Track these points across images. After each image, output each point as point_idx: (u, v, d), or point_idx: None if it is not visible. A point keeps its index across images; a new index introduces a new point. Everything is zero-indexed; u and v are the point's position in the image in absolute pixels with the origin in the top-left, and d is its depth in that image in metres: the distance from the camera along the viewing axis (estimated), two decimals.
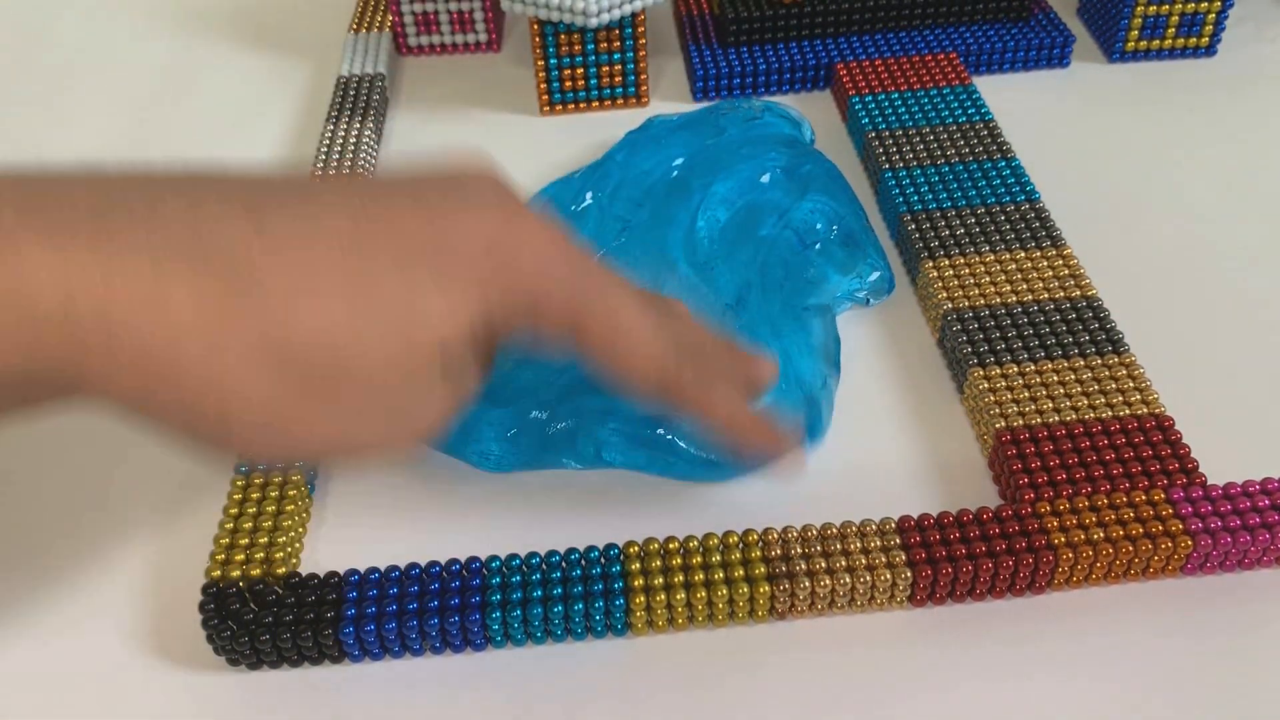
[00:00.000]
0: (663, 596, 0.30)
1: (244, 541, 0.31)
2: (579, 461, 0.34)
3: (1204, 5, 0.52)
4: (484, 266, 0.24)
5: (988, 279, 0.39)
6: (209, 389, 0.22)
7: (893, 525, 0.31)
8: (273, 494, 0.33)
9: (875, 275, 0.40)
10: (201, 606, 0.30)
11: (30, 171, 0.22)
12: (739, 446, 0.30)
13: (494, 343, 0.26)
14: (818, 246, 0.40)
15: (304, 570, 0.32)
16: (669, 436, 0.33)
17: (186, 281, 0.21)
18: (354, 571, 0.31)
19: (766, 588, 0.30)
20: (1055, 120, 0.50)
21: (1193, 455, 0.33)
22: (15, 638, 0.32)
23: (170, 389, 0.21)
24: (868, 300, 0.40)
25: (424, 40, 0.56)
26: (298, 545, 0.33)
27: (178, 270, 0.21)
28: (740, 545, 0.31)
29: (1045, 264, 0.39)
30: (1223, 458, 0.33)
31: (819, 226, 0.40)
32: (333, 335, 0.22)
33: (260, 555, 0.31)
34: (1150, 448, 0.33)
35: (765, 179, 0.42)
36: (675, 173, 0.44)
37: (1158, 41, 0.53)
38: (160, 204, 0.22)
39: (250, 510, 0.32)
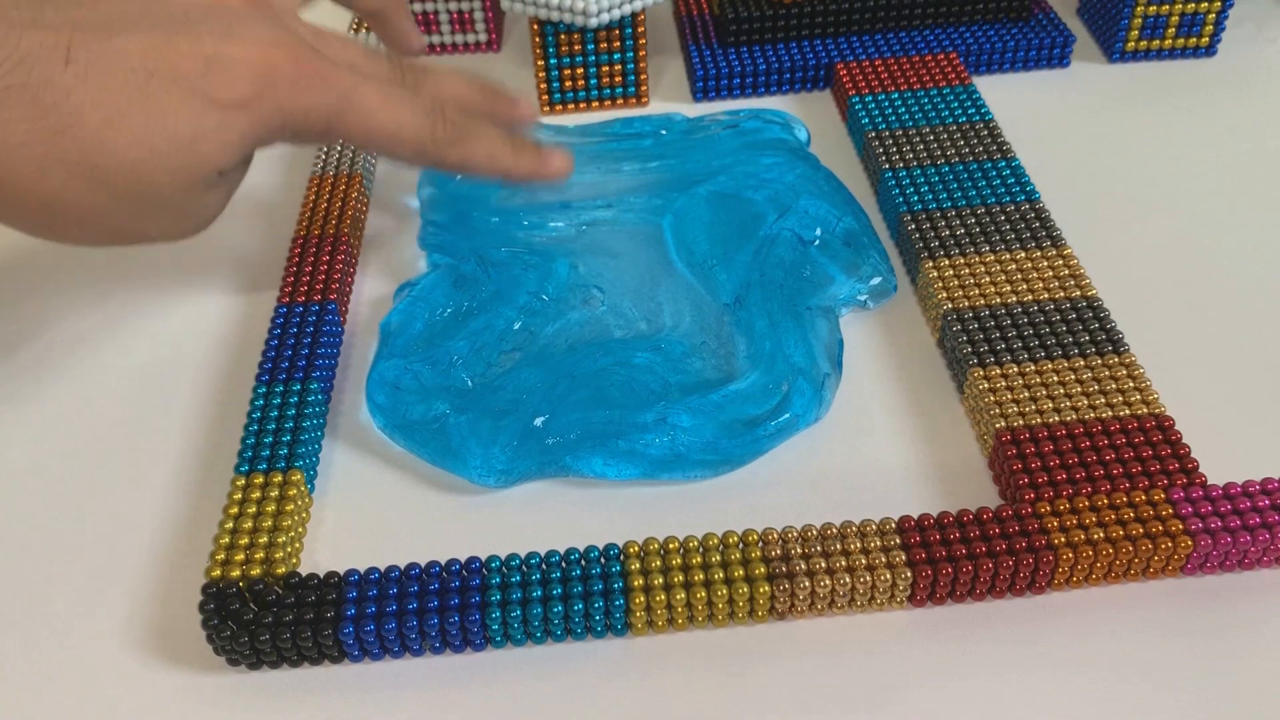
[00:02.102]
0: (663, 596, 0.30)
1: (244, 541, 0.31)
2: (585, 471, 0.34)
3: (1204, 5, 0.52)
4: (254, 95, 0.30)
5: (988, 279, 0.39)
6: (36, 199, 0.29)
7: (893, 525, 0.31)
8: (273, 494, 0.33)
9: (877, 280, 0.40)
10: (201, 606, 0.30)
11: None
12: (507, 176, 0.36)
13: (260, 146, 0.32)
14: (817, 243, 0.40)
15: (304, 570, 0.32)
16: (674, 441, 0.33)
17: (21, 117, 0.27)
18: (354, 571, 0.31)
19: (766, 588, 0.30)
20: (1055, 120, 0.50)
21: (1193, 455, 0.33)
22: (15, 637, 0.32)
23: (6, 200, 0.29)
24: (867, 303, 0.40)
25: (425, 40, 0.56)
26: (298, 545, 0.33)
27: (13, 109, 0.27)
28: (740, 545, 0.31)
29: (1045, 264, 0.39)
30: (1223, 458, 0.33)
31: (818, 231, 0.40)
32: (134, 161, 0.29)
33: (260, 555, 0.31)
34: (1150, 448, 0.33)
35: (759, 184, 0.42)
36: (666, 176, 0.44)
37: (1158, 41, 0.53)
38: None
39: (250, 510, 0.32)
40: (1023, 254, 0.40)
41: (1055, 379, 0.35)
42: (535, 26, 0.49)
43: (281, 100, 0.31)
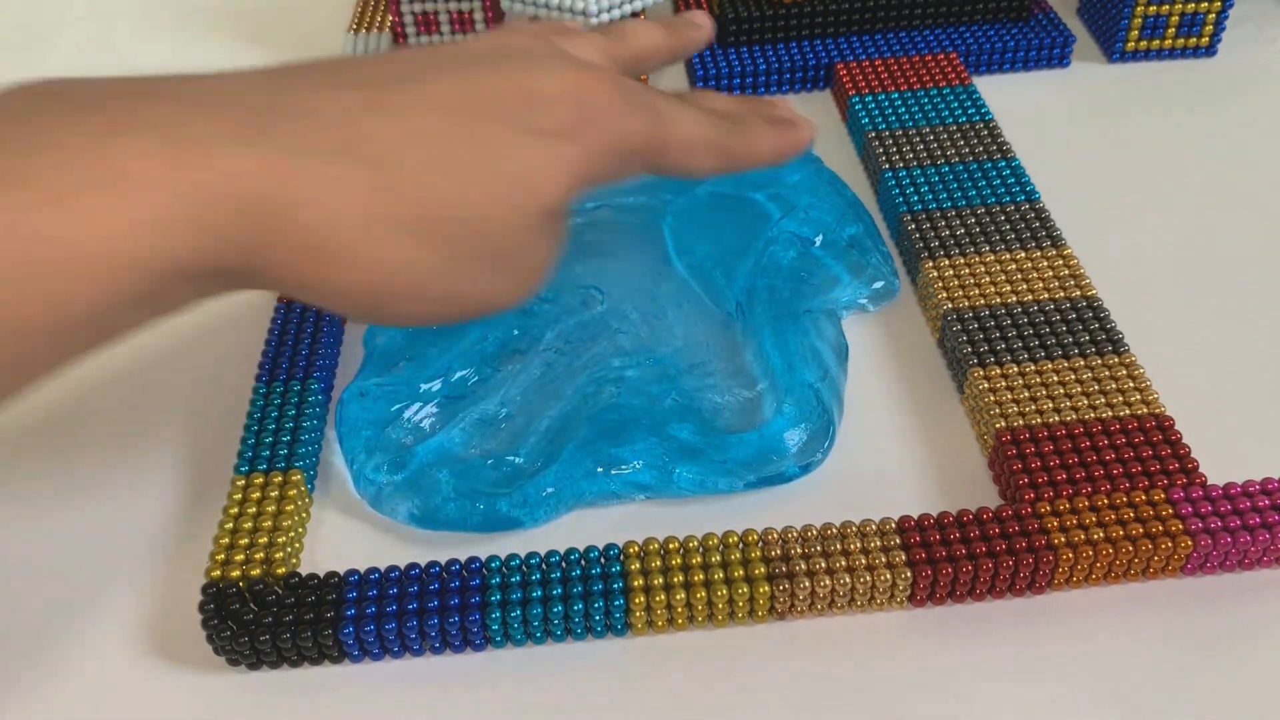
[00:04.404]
0: (663, 596, 0.30)
1: (244, 542, 0.31)
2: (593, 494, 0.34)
3: (1204, 5, 0.52)
4: (577, 123, 0.28)
5: (988, 279, 0.39)
6: (366, 264, 0.26)
7: (893, 525, 0.31)
8: (273, 494, 0.33)
9: (879, 284, 0.40)
10: (201, 606, 0.30)
11: (185, 79, 0.26)
12: (781, 156, 0.34)
13: (588, 182, 0.29)
14: (818, 243, 0.40)
15: (304, 570, 0.32)
16: (677, 473, 0.33)
17: (339, 171, 0.25)
18: (354, 571, 0.31)
19: (766, 588, 0.30)
20: (1055, 120, 0.50)
21: (1193, 455, 0.33)
22: (16, 637, 0.32)
23: (333, 269, 0.25)
24: (868, 306, 0.40)
25: (424, 40, 0.56)
26: (298, 545, 0.33)
27: (330, 162, 0.25)
28: (740, 545, 0.31)
29: (1045, 264, 0.39)
30: (1223, 458, 0.33)
31: (819, 234, 0.40)
32: (461, 204, 0.26)
33: (260, 555, 0.31)
34: (1150, 448, 0.33)
35: (760, 184, 0.42)
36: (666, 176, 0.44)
37: (1158, 41, 0.53)
38: (302, 102, 0.26)
39: (250, 510, 0.32)
40: (1023, 254, 0.40)
41: (1055, 379, 0.35)
42: None
43: (605, 126, 0.29)
